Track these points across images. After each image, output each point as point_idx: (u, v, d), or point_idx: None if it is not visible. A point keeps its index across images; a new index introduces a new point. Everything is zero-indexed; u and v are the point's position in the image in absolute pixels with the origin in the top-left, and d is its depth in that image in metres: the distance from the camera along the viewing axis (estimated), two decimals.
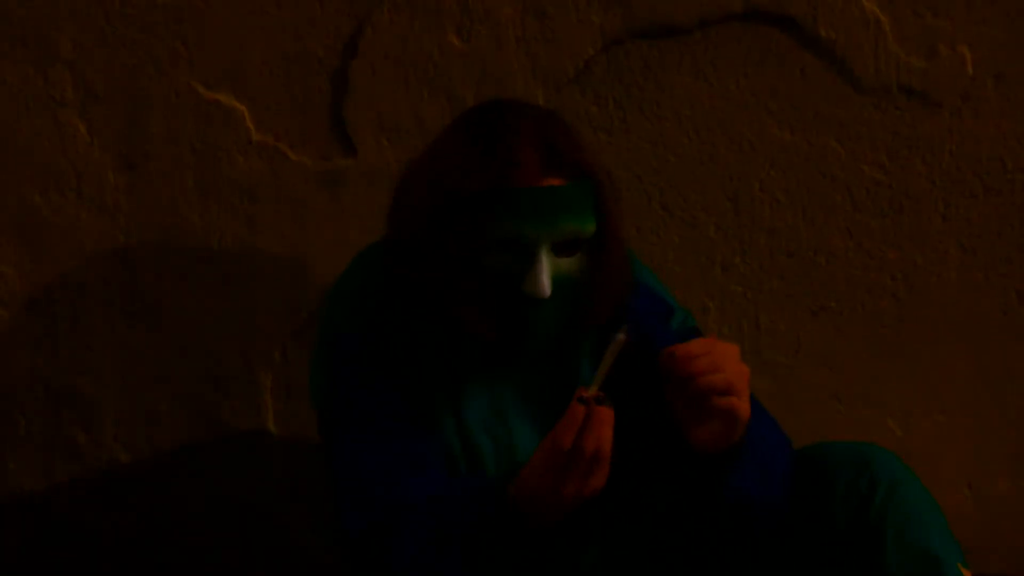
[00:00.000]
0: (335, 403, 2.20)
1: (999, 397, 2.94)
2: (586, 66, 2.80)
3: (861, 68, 2.84)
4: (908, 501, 2.11)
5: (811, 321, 2.91)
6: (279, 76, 2.78)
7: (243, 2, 2.77)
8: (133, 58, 2.76)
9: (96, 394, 2.84)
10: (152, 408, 2.84)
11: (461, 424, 2.20)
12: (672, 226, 2.86)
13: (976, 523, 2.93)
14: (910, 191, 2.88)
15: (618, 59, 2.81)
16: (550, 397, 2.23)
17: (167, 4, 2.76)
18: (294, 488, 2.86)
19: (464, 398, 2.21)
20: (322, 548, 2.88)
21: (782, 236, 2.88)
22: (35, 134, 2.77)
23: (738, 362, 1.99)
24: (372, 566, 2.09)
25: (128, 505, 2.86)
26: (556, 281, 2.13)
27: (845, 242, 2.89)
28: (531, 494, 1.97)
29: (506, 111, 2.19)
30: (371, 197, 2.79)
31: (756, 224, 2.87)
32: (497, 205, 2.11)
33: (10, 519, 2.85)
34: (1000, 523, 2.92)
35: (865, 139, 2.86)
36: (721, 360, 1.97)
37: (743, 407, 1.99)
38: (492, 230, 2.11)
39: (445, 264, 2.15)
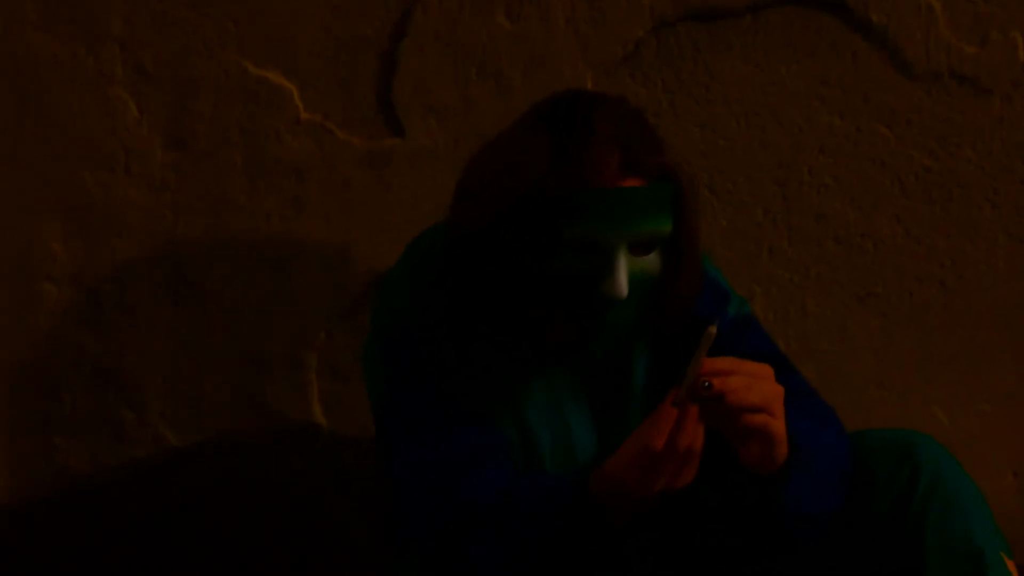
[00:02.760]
0: (393, 399, 2.17)
1: None
2: (635, 48, 2.79)
3: (912, 54, 2.82)
4: (951, 490, 2.10)
5: (858, 308, 2.90)
6: (328, 55, 2.78)
7: None
8: (182, 36, 2.76)
9: (142, 374, 2.84)
10: (198, 388, 2.84)
11: (520, 418, 2.17)
12: (720, 210, 2.85)
13: (1021, 513, 2.92)
14: (960, 178, 2.87)
15: (668, 42, 2.80)
16: (606, 390, 2.22)
17: None
18: (338, 470, 2.86)
19: (523, 392, 2.18)
20: (364, 529, 2.88)
21: (830, 222, 2.87)
22: (84, 112, 2.77)
23: (771, 381, 1.95)
24: (440, 565, 2.07)
25: (173, 485, 2.86)
26: (632, 281, 2.09)
27: (893, 229, 2.88)
28: (617, 488, 1.95)
29: (583, 107, 2.12)
30: (418, 178, 2.79)
31: (804, 210, 2.86)
32: (575, 207, 2.06)
33: (56, 498, 2.85)
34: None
35: (915, 125, 2.85)
36: (753, 378, 1.94)
37: (776, 425, 1.95)
38: (570, 232, 2.07)
39: (517, 265, 2.11)
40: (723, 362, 1.94)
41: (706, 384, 1.90)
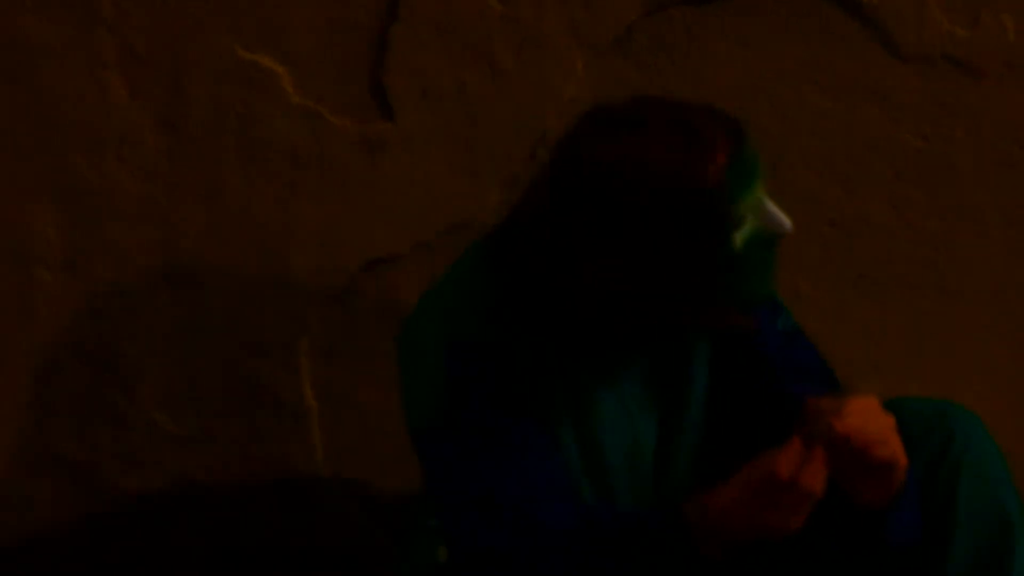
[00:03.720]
0: (453, 419, 2.08)
1: None
2: (627, 32, 2.79)
3: (903, 36, 2.82)
4: (982, 457, 2.14)
5: (851, 291, 2.90)
6: (319, 39, 2.78)
7: None
8: (174, 19, 2.76)
9: (137, 359, 2.84)
10: (192, 372, 2.85)
11: (587, 431, 2.14)
12: None
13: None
14: (952, 160, 2.87)
15: (660, 25, 2.80)
16: (669, 400, 2.20)
17: None
18: (330, 453, 2.87)
19: (591, 406, 2.14)
20: (360, 511, 2.89)
21: (823, 205, 2.87)
22: (76, 95, 2.77)
23: (882, 413, 1.95)
24: None
25: (167, 469, 2.86)
26: None
27: (886, 212, 2.88)
28: (726, 517, 1.94)
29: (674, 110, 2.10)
30: (410, 162, 2.79)
31: (797, 192, 2.86)
32: (741, 216, 2.02)
33: (51, 483, 2.86)
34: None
35: (907, 108, 2.85)
36: (868, 414, 1.93)
37: (901, 454, 1.95)
38: (737, 210, 2.02)
39: (675, 269, 2.03)
40: (828, 403, 1.93)
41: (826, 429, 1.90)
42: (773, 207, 2.06)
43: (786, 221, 2.06)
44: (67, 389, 2.84)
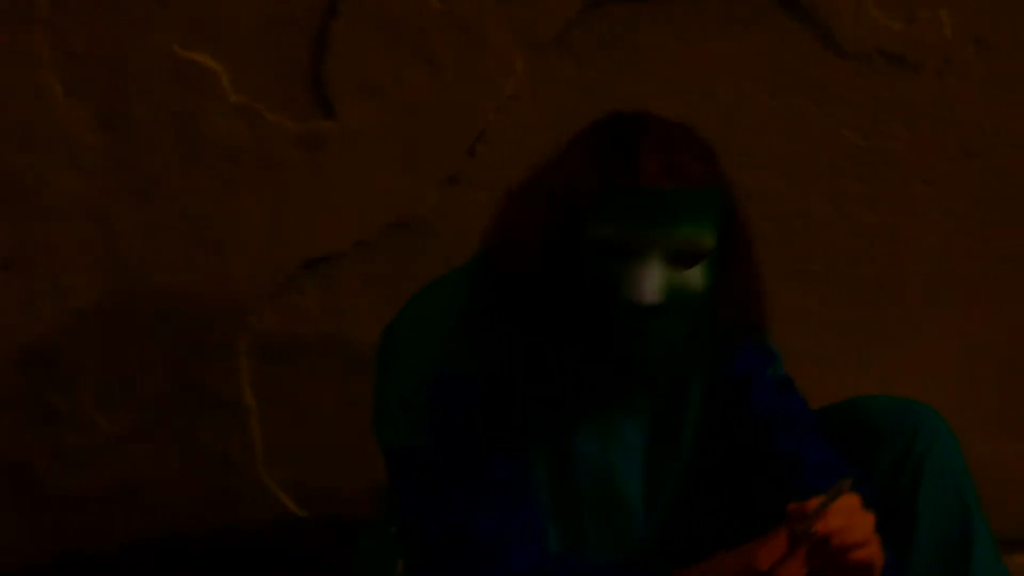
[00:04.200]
0: (431, 446, 2.06)
1: (978, 361, 2.95)
2: (567, 27, 2.79)
3: (841, 32, 2.83)
4: (945, 452, 2.18)
5: (792, 286, 2.91)
6: (257, 36, 2.76)
7: None
8: (112, 18, 2.74)
9: (75, 358, 2.83)
10: (130, 372, 2.84)
11: (561, 466, 2.13)
12: None
13: None
14: (890, 155, 2.88)
15: (600, 21, 2.80)
16: (660, 443, 2.19)
17: None
18: (270, 453, 2.86)
19: (569, 441, 2.13)
20: (300, 507, 2.88)
21: (763, 201, 2.87)
22: (12, 94, 2.76)
23: (863, 513, 1.95)
24: None
25: (105, 470, 2.85)
26: (672, 295, 2.00)
27: (825, 207, 2.89)
28: None
29: (633, 120, 2.07)
30: (351, 160, 2.79)
31: (737, 188, 2.86)
32: (604, 204, 1.99)
33: None
34: (979, 485, 2.92)
35: (846, 103, 2.86)
36: (850, 514, 1.93)
37: (879, 556, 1.96)
38: (594, 231, 1.99)
39: (554, 275, 2.03)
40: (812, 504, 1.92)
41: (810, 530, 1.91)
42: (647, 273, 1.99)
43: (640, 290, 1.98)
44: (4, 388, 2.83)
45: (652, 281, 1.97)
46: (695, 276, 2.02)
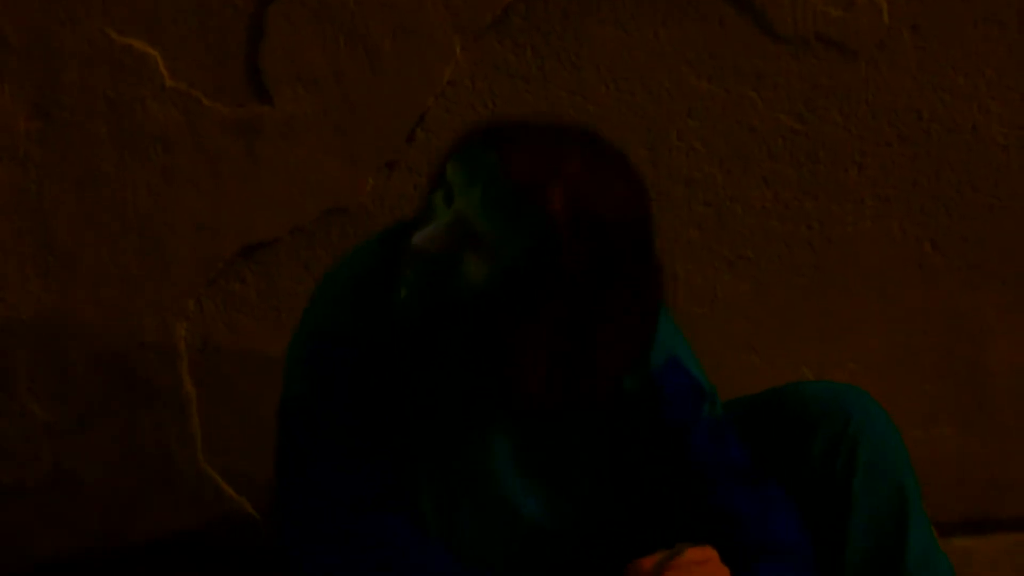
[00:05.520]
0: (307, 407, 2.07)
1: (913, 346, 2.96)
2: (504, 13, 2.78)
3: (779, 18, 2.84)
4: (879, 433, 2.19)
5: (728, 271, 2.92)
6: (194, 22, 2.74)
7: None
8: (44, 4, 2.71)
9: (9, 347, 2.80)
10: (66, 361, 2.81)
11: (440, 457, 2.12)
12: None
13: None
14: (827, 141, 2.89)
15: (536, 7, 2.79)
16: (556, 453, 2.17)
17: None
18: (209, 442, 2.84)
19: (450, 430, 2.12)
20: (245, 499, 2.87)
21: (699, 186, 2.88)
22: None
23: (715, 567, 1.98)
24: None
25: (42, 461, 2.83)
26: (451, 258, 1.97)
27: (762, 192, 2.90)
28: None
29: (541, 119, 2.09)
30: (287, 148, 2.77)
31: (674, 174, 2.87)
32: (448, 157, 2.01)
33: None
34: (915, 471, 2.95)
35: (783, 89, 2.87)
36: (691, 571, 1.96)
37: None
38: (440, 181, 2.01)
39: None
40: (651, 562, 1.95)
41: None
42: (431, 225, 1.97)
43: (419, 236, 1.97)
44: None
45: (436, 229, 1.95)
46: (478, 266, 1.96)
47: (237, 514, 2.86)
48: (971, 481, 2.98)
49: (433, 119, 2.79)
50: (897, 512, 2.17)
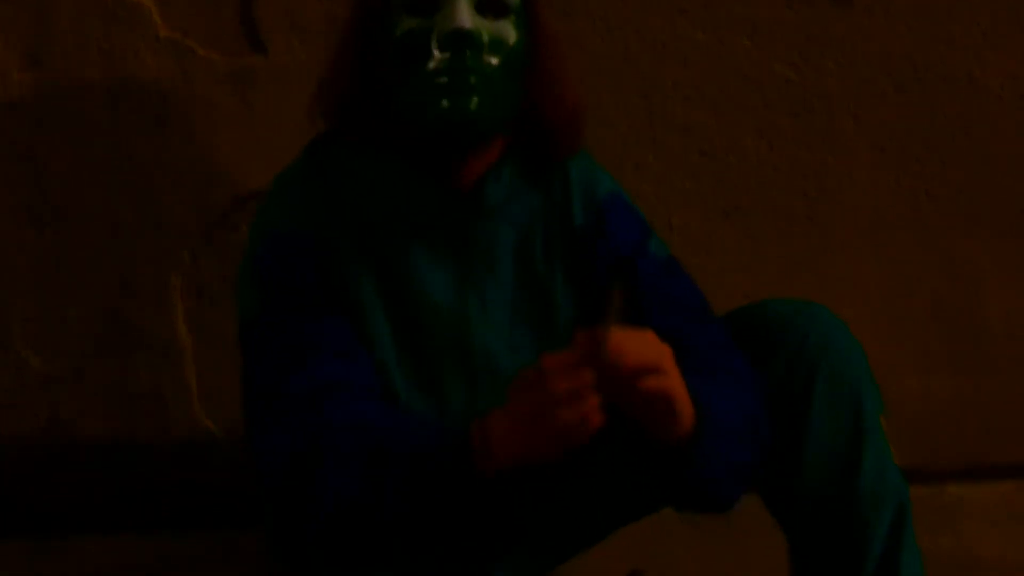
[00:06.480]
0: (258, 309, 2.07)
1: (907, 296, 2.97)
2: None
3: None
4: (840, 359, 2.17)
5: (723, 221, 2.92)
6: None
7: None
8: None
9: (4, 298, 2.80)
10: (62, 311, 2.81)
11: (403, 313, 2.11)
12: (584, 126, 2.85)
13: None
14: (821, 90, 2.89)
15: None
16: (525, 294, 2.19)
17: None
18: (204, 391, 2.84)
19: (422, 285, 2.13)
20: (231, 450, 2.88)
21: (694, 135, 2.88)
22: None
23: (659, 344, 1.90)
24: (289, 501, 1.96)
25: (38, 411, 2.83)
26: (486, 36, 2.07)
27: (757, 142, 2.90)
28: (503, 438, 1.87)
29: None
30: (281, 97, 2.77)
31: (669, 123, 2.87)
32: None
33: None
34: (909, 420, 2.95)
35: (778, 38, 2.87)
36: (642, 344, 1.88)
37: (673, 384, 1.90)
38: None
39: (367, 69, 2.13)
40: (601, 331, 1.87)
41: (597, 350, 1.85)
42: (454, 9, 2.06)
43: (457, 19, 2.05)
44: None
45: (463, 9, 2.05)
46: (506, 28, 2.10)
47: (231, 462, 2.86)
48: (966, 428, 2.99)
49: None
50: (853, 428, 2.15)
